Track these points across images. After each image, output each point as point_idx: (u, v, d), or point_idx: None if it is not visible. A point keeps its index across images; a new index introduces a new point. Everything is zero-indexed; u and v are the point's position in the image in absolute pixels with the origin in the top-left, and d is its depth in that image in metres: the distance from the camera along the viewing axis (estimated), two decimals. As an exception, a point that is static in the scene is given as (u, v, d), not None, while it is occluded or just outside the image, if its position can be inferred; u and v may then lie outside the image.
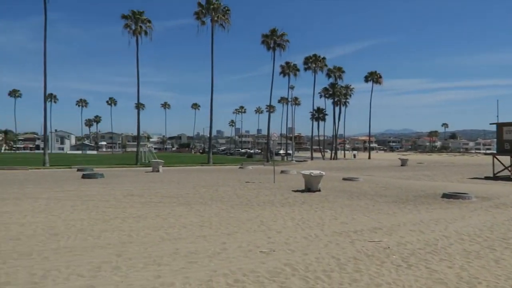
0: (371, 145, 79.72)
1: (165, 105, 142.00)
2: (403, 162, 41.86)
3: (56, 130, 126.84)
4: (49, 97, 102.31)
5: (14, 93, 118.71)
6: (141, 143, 49.54)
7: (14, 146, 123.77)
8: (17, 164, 36.83)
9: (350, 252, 6.71)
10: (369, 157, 73.10)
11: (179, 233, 8.14)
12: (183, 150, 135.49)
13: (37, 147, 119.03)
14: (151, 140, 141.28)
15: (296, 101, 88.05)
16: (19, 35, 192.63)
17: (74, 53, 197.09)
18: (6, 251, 6.60)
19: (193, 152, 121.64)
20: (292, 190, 16.08)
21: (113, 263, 5.98)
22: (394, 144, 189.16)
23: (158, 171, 28.45)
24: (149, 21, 44.01)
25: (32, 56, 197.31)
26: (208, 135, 50.13)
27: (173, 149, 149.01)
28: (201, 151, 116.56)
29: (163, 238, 7.68)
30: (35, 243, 7.16)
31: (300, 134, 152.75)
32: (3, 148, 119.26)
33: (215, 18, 44.51)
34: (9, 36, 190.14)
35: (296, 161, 52.25)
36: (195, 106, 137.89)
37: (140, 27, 43.18)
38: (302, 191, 15.78)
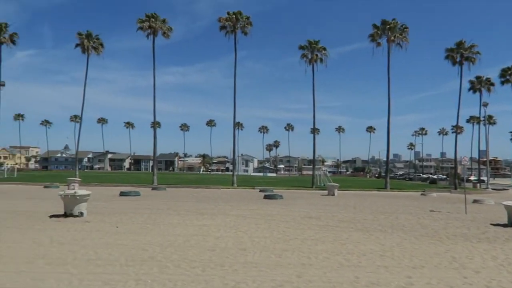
0: None
1: (339, 129, 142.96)
2: None
3: (242, 154, 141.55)
4: (237, 125, 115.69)
5: (210, 123, 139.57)
6: (316, 166, 50.79)
7: (210, 168, 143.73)
8: (212, 183, 42.41)
9: None
10: None
11: (359, 260, 7.81)
12: (358, 174, 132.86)
13: (227, 169, 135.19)
14: (325, 163, 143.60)
15: (490, 120, 76.39)
16: (215, 73, 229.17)
17: (257, 85, 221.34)
18: (205, 260, 7.49)
19: (368, 176, 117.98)
20: (491, 224, 13.72)
21: (294, 283, 6.10)
22: None
23: (333, 194, 28.49)
24: (324, 49, 45.43)
25: (224, 90, 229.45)
26: (385, 159, 47.92)
27: (348, 172, 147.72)
28: (376, 175, 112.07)
29: (342, 264, 7.49)
30: (226, 255, 7.94)
31: (496, 158, 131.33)
32: (201, 169, 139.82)
33: (392, 38, 42.92)
34: (207, 75, 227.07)
35: (492, 189, 44.87)
36: (370, 129, 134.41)
37: (316, 55, 44.94)
38: (504, 225, 13.30)
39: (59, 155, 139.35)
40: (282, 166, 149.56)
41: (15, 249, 8.16)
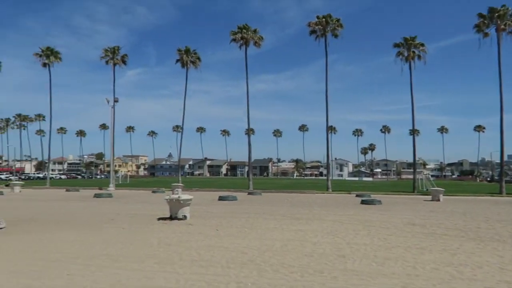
0: None
1: (442, 129, 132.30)
2: None
3: (336, 159, 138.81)
4: (330, 129, 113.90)
5: (302, 128, 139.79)
6: (417, 170, 47.47)
7: (303, 173, 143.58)
8: (306, 188, 42.19)
9: None
10: None
11: (473, 273, 7.02)
12: (465, 178, 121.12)
13: (321, 174, 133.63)
14: (427, 167, 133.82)
15: None
16: (305, 79, 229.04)
17: (349, 88, 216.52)
18: (303, 265, 7.40)
19: (478, 180, 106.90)
20: None
21: (400, 295, 5.69)
22: None
23: (438, 200, 26.29)
24: (422, 45, 42.43)
25: (315, 95, 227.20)
26: (497, 161, 42.82)
27: (453, 176, 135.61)
28: (488, 179, 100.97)
29: (453, 276, 6.80)
30: (325, 261, 7.75)
31: None
32: (295, 174, 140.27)
33: (502, 27, 38.38)
34: (298, 81, 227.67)
35: None
36: (479, 128, 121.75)
37: (413, 52, 42.17)
38: None
39: (164, 162, 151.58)
40: (378, 170, 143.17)
41: (129, 249, 8.98)
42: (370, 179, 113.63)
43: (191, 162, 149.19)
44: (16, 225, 12.79)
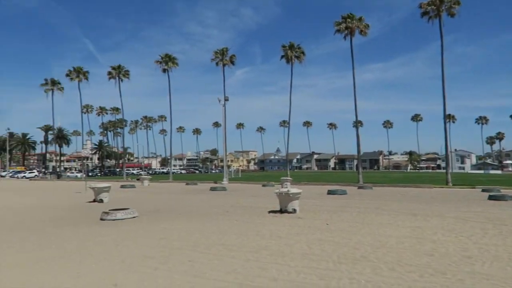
0: None
1: None
2: None
3: (455, 150, 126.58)
4: (448, 118, 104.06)
5: (415, 118, 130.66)
6: (561, 160, 40.52)
7: (418, 165, 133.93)
8: (421, 182, 39.23)
9: None
10: None
11: None
12: None
13: (438, 167, 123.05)
14: None
15: None
16: (417, 65, 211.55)
17: (470, 71, 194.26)
18: (422, 265, 6.87)
19: None
20: None
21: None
22: None
23: None
24: None
25: (429, 81, 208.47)
26: None
27: None
28: None
29: None
30: (447, 262, 7.08)
31: None
32: (408, 167, 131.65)
33: None
34: (409, 67, 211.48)
35: None
36: None
37: (553, 22, 36.11)
38: None
39: (272, 157, 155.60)
40: (509, 161, 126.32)
41: (243, 239, 9.39)
42: (499, 171, 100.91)
43: (298, 157, 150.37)
44: (146, 215, 14.37)
